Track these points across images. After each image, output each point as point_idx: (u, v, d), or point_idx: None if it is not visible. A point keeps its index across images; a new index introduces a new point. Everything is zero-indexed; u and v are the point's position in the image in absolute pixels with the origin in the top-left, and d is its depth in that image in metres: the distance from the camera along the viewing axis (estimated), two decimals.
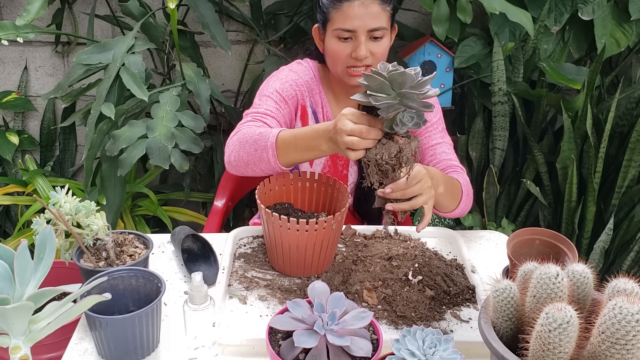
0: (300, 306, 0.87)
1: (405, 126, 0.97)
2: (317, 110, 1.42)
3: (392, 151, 1.00)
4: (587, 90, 1.89)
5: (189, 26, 2.17)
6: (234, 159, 1.24)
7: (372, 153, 1.01)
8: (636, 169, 1.91)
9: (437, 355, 0.78)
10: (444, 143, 1.42)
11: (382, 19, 1.27)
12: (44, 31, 2.08)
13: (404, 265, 1.21)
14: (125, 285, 1.03)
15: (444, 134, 1.44)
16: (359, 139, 1.00)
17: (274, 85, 1.36)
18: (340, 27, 1.27)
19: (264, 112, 1.31)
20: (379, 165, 1.02)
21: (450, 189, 1.24)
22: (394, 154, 1.00)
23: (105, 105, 1.67)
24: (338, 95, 1.43)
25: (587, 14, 1.99)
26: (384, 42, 1.30)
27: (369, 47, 1.27)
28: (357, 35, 1.26)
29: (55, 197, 1.07)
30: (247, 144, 1.20)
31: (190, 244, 1.27)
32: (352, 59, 1.28)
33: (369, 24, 1.26)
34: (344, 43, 1.28)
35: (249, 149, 1.20)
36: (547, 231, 1.10)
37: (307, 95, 1.40)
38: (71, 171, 2.44)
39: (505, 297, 0.80)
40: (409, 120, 0.96)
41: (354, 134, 1.00)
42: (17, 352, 0.76)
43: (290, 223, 1.10)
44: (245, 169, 1.24)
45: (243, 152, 1.21)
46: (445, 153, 1.40)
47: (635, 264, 1.95)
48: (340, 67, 1.32)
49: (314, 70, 1.42)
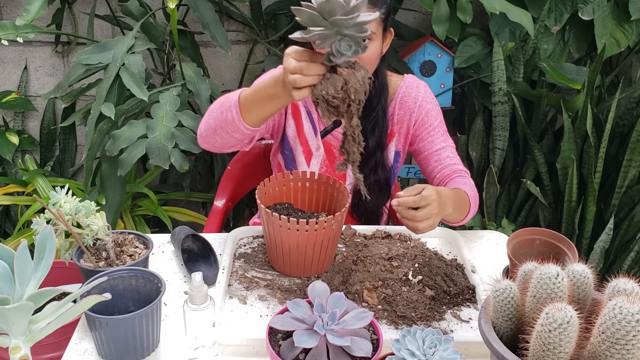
0: (300, 306, 0.87)
1: (343, 55, 0.94)
2: (311, 110, 1.42)
3: (338, 84, 0.96)
4: (587, 90, 1.89)
5: (189, 26, 2.17)
6: (204, 128, 1.25)
7: (318, 89, 0.98)
8: (636, 169, 1.91)
9: (437, 355, 0.78)
10: (447, 147, 1.42)
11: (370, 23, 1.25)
12: (44, 31, 2.08)
13: (404, 265, 1.21)
14: (125, 285, 1.03)
15: (446, 136, 1.44)
16: (300, 76, 0.97)
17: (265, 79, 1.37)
18: None
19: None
20: (328, 101, 0.98)
21: (459, 205, 1.25)
22: (340, 87, 0.96)
23: (105, 105, 1.67)
24: None
25: (587, 14, 1.99)
26: (372, 47, 1.27)
27: None
28: None
29: (55, 197, 1.07)
30: (214, 110, 1.22)
31: (190, 244, 1.27)
32: None
33: None
34: None
35: (215, 113, 1.20)
36: (547, 231, 1.10)
37: None
38: (71, 171, 2.44)
39: (506, 297, 0.80)
40: (346, 48, 0.93)
41: (296, 72, 0.98)
42: (17, 352, 0.76)
43: (290, 223, 1.10)
44: (214, 136, 1.23)
45: (211, 119, 1.22)
46: (450, 157, 1.41)
47: (636, 264, 1.95)
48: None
49: None
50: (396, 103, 1.43)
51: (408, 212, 1.12)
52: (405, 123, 1.43)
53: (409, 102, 1.42)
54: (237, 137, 1.20)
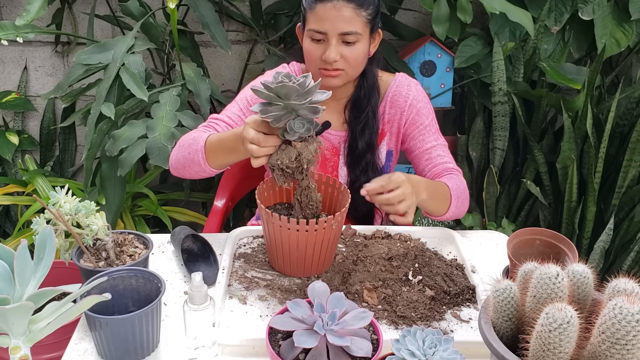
0: (300, 306, 0.87)
1: (296, 133, 1.03)
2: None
3: (292, 155, 1.06)
4: (587, 90, 1.89)
5: (189, 26, 2.17)
6: (174, 162, 1.33)
7: (274, 159, 1.07)
8: (636, 169, 1.91)
9: (437, 356, 0.78)
10: (438, 145, 1.41)
11: (356, 23, 1.26)
12: (44, 31, 2.08)
13: (404, 265, 1.21)
14: (125, 285, 1.03)
15: (437, 135, 1.43)
16: (257, 147, 1.05)
17: (248, 92, 1.40)
18: (313, 28, 1.27)
19: (222, 119, 1.37)
20: (282, 169, 1.08)
21: (435, 195, 1.25)
22: (294, 158, 1.06)
23: (105, 105, 1.67)
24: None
25: (587, 14, 1.99)
26: (358, 48, 1.28)
27: (340, 50, 1.27)
28: (328, 37, 1.26)
29: (55, 197, 1.07)
30: (183, 148, 1.29)
31: (190, 244, 1.27)
32: (323, 61, 1.28)
33: (340, 28, 1.25)
34: (317, 44, 1.28)
35: (184, 152, 1.28)
36: (547, 231, 1.10)
37: None
38: (71, 171, 2.44)
39: (506, 297, 0.80)
40: (299, 127, 1.03)
41: (253, 143, 1.05)
42: (17, 352, 0.76)
43: (290, 223, 1.10)
44: (183, 171, 1.32)
45: (180, 156, 1.30)
46: (441, 156, 1.40)
47: (636, 264, 1.95)
48: (313, 67, 1.32)
49: (298, 73, 1.43)
50: (387, 102, 1.42)
51: (381, 198, 1.15)
52: (396, 122, 1.43)
53: (399, 100, 1.41)
54: (204, 175, 1.29)
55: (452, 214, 1.32)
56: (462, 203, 1.34)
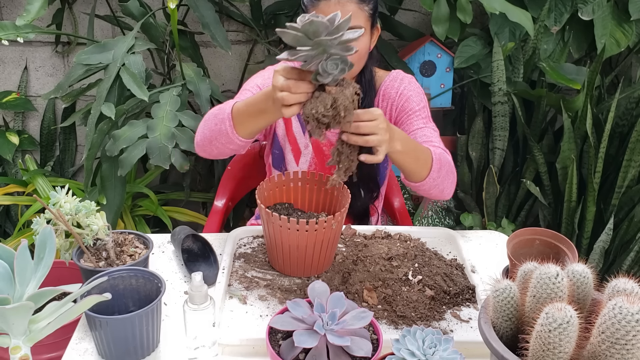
0: (300, 306, 0.87)
1: (330, 75, 0.94)
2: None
3: (327, 102, 0.97)
4: (587, 90, 1.89)
5: (189, 26, 2.17)
6: (200, 138, 1.27)
7: (308, 108, 0.98)
8: (636, 169, 1.91)
9: (437, 355, 0.78)
10: (426, 128, 1.37)
11: (359, 18, 1.26)
12: (44, 31, 2.08)
13: (404, 265, 1.21)
14: (126, 285, 1.03)
15: (427, 120, 1.39)
16: (288, 94, 0.98)
17: (255, 80, 1.38)
18: None
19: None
20: (318, 119, 0.99)
21: (413, 152, 1.19)
22: (330, 105, 0.97)
23: (105, 105, 1.67)
24: None
25: (587, 14, 1.99)
26: (361, 42, 1.27)
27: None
28: None
29: (55, 197, 1.07)
30: (209, 121, 1.23)
31: (190, 244, 1.27)
32: None
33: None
34: None
35: (210, 125, 1.22)
36: (547, 231, 1.10)
37: None
38: (71, 171, 2.44)
39: (505, 297, 0.80)
40: (332, 67, 0.94)
41: (284, 89, 0.99)
42: (17, 352, 0.77)
43: (290, 223, 1.10)
44: (209, 146, 1.25)
45: (206, 130, 1.24)
46: (427, 136, 1.34)
47: (635, 264, 1.95)
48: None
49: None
50: (379, 97, 1.42)
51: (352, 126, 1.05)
52: (387, 113, 1.42)
53: (391, 93, 1.40)
54: (232, 148, 1.22)
55: (434, 183, 1.23)
56: (447, 174, 1.26)
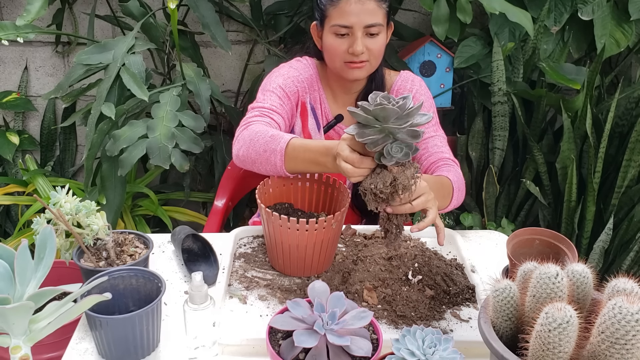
0: (300, 306, 0.88)
1: (394, 158, 0.96)
2: (315, 106, 1.44)
3: (387, 180, 0.99)
4: (586, 90, 1.89)
5: (189, 26, 2.17)
6: (243, 154, 1.25)
7: (367, 182, 1.01)
8: (636, 169, 1.91)
9: (437, 355, 0.78)
10: (436, 136, 1.42)
11: (378, 15, 1.29)
12: (44, 31, 2.08)
13: (404, 265, 1.21)
14: (126, 285, 1.03)
15: (437, 127, 1.44)
16: (352, 168, 1.01)
17: (277, 80, 1.39)
18: (338, 23, 1.29)
19: (270, 107, 1.33)
20: (375, 194, 1.01)
21: (441, 191, 1.25)
22: (389, 183, 0.99)
23: (105, 105, 1.67)
24: (335, 92, 1.45)
25: (587, 14, 1.99)
26: (380, 39, 1.32)
27: (365, 43, 1.30)
28: (354, 31, 1.29)
29: (55, 197, 1.07)
30: (258, 143, 1.21)
31: (190, 244, 1.27)
32: (349, 54, 1.31)
33: (365, 20, 1.28)
34: (341, 39, 1.31)
35: (258, 148, 1.21)
36: (547, 231, 1.10)
37: (307, 91, 1.43)
38: (71, 171, 2.44)
39: (505, 297, 0.80)
40: (397, 151, 0.97)
41: (347, 161, 1.02)
42: (18, 352, 0.77)
43: (290, 223, 1.10)
44: (251, 166, 1.25)
45: (252, 150, 1.22)
46: (438, 146, 1.41)
47: (635, 264, 1.95)
48: (338, 62, 1.34)
49: (312, 67, 1.45)
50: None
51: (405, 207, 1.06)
52: None
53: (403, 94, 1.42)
54: (272, 174, 1.24)
55: (453, 206, 1.33)
56: (461, 194, 1.35)
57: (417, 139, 0.96)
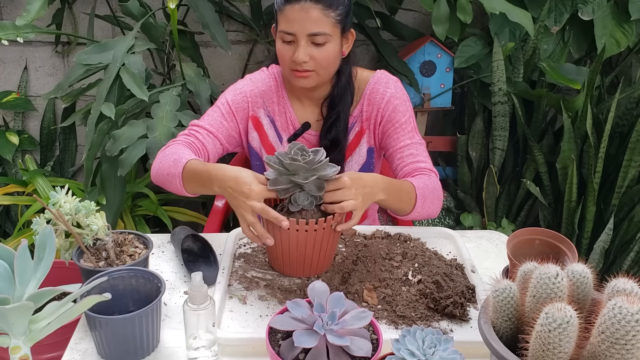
0: (300, 306, 0.87)
1: (300, 205, 1.10)
2: (275, 118, 1.42)
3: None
4: (587, 90, 1.89)
5: (189, 26, 2.17)
6: (154, 174, 1.33)
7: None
8: (636, 169, 1.91)
9: (437, 355, 0.78)
10: (412, 144, 1.37)
11: (324, 24, 1.25)
12: (44, 31, 2.08)
13: (404, 265, 1.21)
14: (125, 285, 1.03)
15: (413, 133, 1.39)
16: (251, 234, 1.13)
17: (227, 95, 1.41)
18: (282, 29, 1.27)
19: (204, 127, 1.37)
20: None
21: (397, 194, 1.23)
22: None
23: (105, 105, 1.67)
24: (301, 99, 1.42)
25: (587, 14, 1.99)
26: (328, 49, 1.27)
27: (309, 51, 1.26)
28: (297, 38, 1.26)
29: (55, 197, 1.07)
30: (164, 163, 1.29)
31: (190, 244, 1.27)
32: (293, 62, 1.28)
33: (308, 29, 1.24)
34: (288, 45, 1.28)
35: (165, 168, 1.28)
36: (547, 231, 1.10)
37: (260, 105, 1.42)
38: (71, 171, 2.44)
39: (505, 297, 0.80)
40: (303, 200, 1.10)
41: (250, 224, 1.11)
42: (17, 352, 0.77)
43: (290, 223, 1.10)
44: (164, 186, 1.33)
45: (160, 171, 1.30)
46: (413, 155, 1.36)
47: (635, 264, 1.95)
48: (286, 69, 1.32)
49: (275, 77, 1.42)
50: (364, 100, 1.40)
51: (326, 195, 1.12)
52: (373, 119, 1.41)
53: (376, 97, 1.39)
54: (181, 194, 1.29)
55: (419, 214, 1.29)
56: (431, 203, 1.31)
57: (322, 191, 1.10)
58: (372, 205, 1.55)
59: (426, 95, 2.17)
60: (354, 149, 1.43)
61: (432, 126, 2.38)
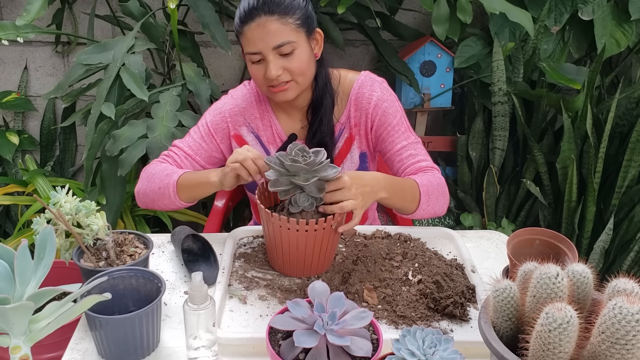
0: (300, 306, 0.87)
1: (300, 207, 1.11)
2: (259, 133, 1.41)
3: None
4: (587, 90, 1.89)
5: (189, 26, 2.17)
6: (141, 194, 1.37)
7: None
8: (636, 169, 1.91)
9: (437, 355, 0.78)
10: (409, 145, 1.36)
11: (285, 33, 1.23)
12: (44, 31, 2.08)
13: (404, 265, 1.21)
14: (126, 285, 1.03)
15: (408, 133, 1.37)
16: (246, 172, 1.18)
17: (207, 117, 1.42)
18: (247, 51, 1.26)
19: (184, 150, 1.40)
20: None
21: (400, 192, 1.23)
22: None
23: (105, 105, 1.67)
24: (286, 109, 1.41)
25: (587, 14, 1.99)
26: (298, 55, 1.25)
27: (280, 64, 1.24)
28: (265, 55, 1.24)
29: (55, 197, 1.07)
30: (153, 180, 1.33)
31: (190, 244, 1.27)
32: (267, 79, 1.27)
33: (271, 42, 1.22)
34: (258, 65, 1.27)
35: (154, 185, 1.33)
36: (547, 231, 1.10)
37: (242, 123, 1.41)
38: (71, 171, 2.44)
39: (505, 297, 0.80)
40: (304, 201, 1.11)
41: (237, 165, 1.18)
42: (17, 352, 0.77)
43: (290, 223, 1.10)
44: (152, 204, 1.37)
45: (149, 189, 1.34)
46: (413, 155, 1.35)
47: (635, 264, 1.95)
48: (263, 88, 1.31)
49: (256, 92, 1.41)
50: (351, 105, 1.38)
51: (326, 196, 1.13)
52: (363, 124, 1.39)
53: (362, 102, 1.37)
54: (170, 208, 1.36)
55: (425, 212, 1.28)
56: (436, 199, 1.29)
57: (322, 192, 1.10)
58: (372, 205, 1.55)
59: (426, 95, 2.17)
60: (344, 155, 1.42)
61: (432, 126, 2.38)
